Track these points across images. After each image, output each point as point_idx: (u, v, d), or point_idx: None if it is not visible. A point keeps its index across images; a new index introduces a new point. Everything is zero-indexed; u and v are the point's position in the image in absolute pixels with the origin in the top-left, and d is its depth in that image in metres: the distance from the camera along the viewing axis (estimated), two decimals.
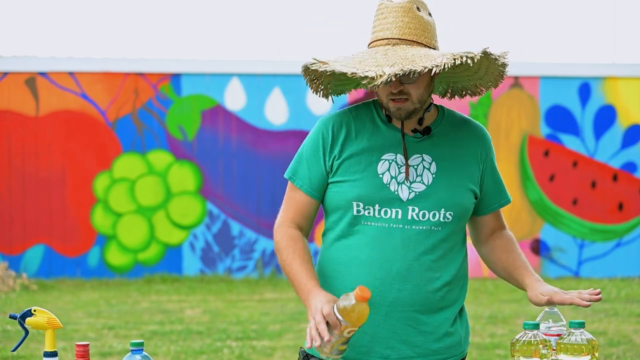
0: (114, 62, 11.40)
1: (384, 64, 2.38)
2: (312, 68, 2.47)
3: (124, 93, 11.30)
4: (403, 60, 2.39)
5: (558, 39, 13.81)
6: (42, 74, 11.19)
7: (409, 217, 2.54)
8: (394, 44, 2.48)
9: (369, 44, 2.56)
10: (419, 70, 2.37)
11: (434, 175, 2.56)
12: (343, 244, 2.59)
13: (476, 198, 2.64)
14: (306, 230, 2.66)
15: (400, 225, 2.54)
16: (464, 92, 2.77)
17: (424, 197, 2.55)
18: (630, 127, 11.88)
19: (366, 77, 2.38)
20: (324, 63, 2.44)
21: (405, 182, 2.55)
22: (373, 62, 2.42)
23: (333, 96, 2.72)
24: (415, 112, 2.54)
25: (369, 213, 2.55)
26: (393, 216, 2.54)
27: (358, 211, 2.55)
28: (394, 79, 2.38)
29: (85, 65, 11.31)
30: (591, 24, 13.85)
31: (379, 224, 2.54)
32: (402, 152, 2.57)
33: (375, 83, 2.36)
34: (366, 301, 2.27)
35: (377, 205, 2.54)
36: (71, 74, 11.24)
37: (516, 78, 11.73)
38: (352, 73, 2.40)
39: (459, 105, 11.23)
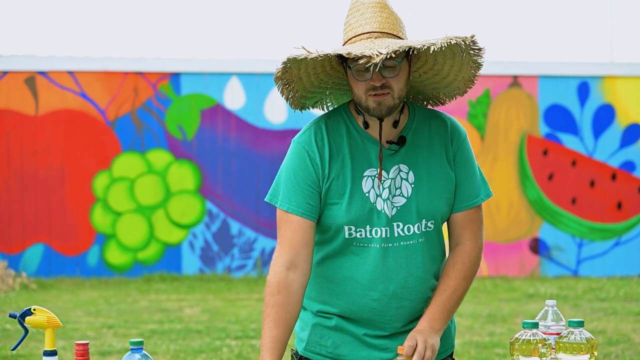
0: (114, 61, 11.40)
1: (376, 47, 2.35)
2: (300, 58, 2.39)
3: (123, 92, 11.30)
4: (394, 45, 2.35)
5: (557, 38, 13.81)
6: (42, 73, 11.18)
7: (396, 235, 2.52)
8: (375, 37, 2.44)
9: (346, 42, 2.49)
10: (418, 47, 2.34)
11: (412, 186, 2.53)
12: (335, 264, 2.57)
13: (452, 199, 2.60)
14: (306, 258, 2.52)
15: (390, 244, 2.52)
16: (425, 103, 2.74)
17: (405, 211, 2.52)
18: (628, 126, 11.88)
19: (364, 56, 2.33)
20: (310, 52, 2.38)
21: (390, 197, 2.51)
22: (363, 47, 2.38)
23: (296, 109, 2.66)
24: (394, 108, 2.48)
25: (360, 235, 2.52)
26: (383, 235, 2.51)
27: (350, 234, 2.52)
28: (393, 55, 2.35)
29: (85, 64, 11.31)
30: (590, 23, 13.85)
31: (370, 244, 2.52)
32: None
33: (375, 61, 2.30)
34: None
35: (367, 227, 2.52)
36: (70, 73, 11.24)
37: (515, 77, 11.73)
38: (348, 53, 2.35)
39: (458, 104, 11.24)
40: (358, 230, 2.52)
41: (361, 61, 2.36)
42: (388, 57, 2.37)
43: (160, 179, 11.37)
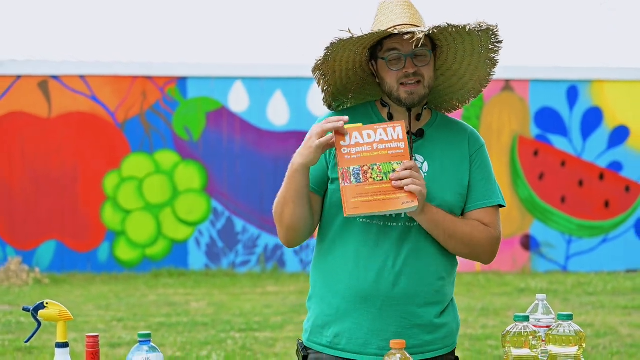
0: (123, 65, 11.40)
1: (418, 28, 2.42)
2: (345, 38, 2.43)
3: (132, 95, 11.30)
4: (433, 25, 2.43)
5: (547, 43, 13.81)
6: (54, 77, 11.19)
7: (403, 215, 2.51)
8: (408, 28, 2.48)
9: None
10: (456, 25, 2.40)
11: (425, 174, 2.54)
12: (341, 240, 2.57)
13: (465, 195, 2.61)
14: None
15: (395, 224, 2.52)
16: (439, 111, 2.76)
17: None
18: (616, 128, 11.88)
19: (408, 32, 2.41)
20: (354, 34, 2.43)
21: None
22: (401, 28, 2.45)
23: (327, 106, 2.70)
24: (425, 97, 2.53)
25: None
26: (387, 214, 2.51)
27: None
28: (435, 31, 2.41)
29: (96, 68, 11.31)
30: (579, 29, 13.85)
31: (375, 221, 2.52)
32: None
33: (418, 36, 2.37)
34: None
35: None
36: (82, 77, 11.24)
37: (507, 81, 11.72)
38: (391, 27, 2.44)
39: None
40: None
41: (406, 37, 2.41)
42: (420, 45, 2.43)
43: (168, 178, 11.37)
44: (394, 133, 2.44)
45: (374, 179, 2.41)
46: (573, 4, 13.86)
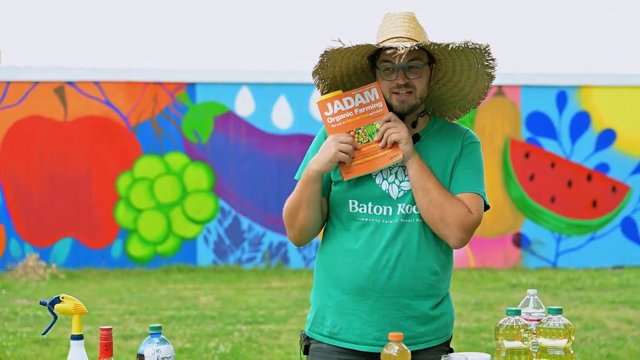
0: (135, 72, 11.40)
1: (402, 44, 2.42)
2: (335, 48, 2.44)
3: (144, 100, 11.30)
4: (419, 42, 2.44)
5: (538, 50, 13.82)
6: (70, 83, 11.19)
7: (399, 212, 2.54)
8: (403, 41, 2.50)
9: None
10: (439, 43, 2.41)
11: None
12: (341, 237, 2.59)
13: None
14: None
15: (391, 221, 2.54)
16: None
17: (411, 194, 2.54)
18: (603, 131, 11.86)
19: (391, 47, 2.41)
20: (343, 44, 2.44)
21: (396, 181, 2.55)
22: (391, 43, 2.47)
23: None
24: (415, 106, 2.54)
25: (362, 210, 2.56)
26: (384, 213, 2.54)
27: (353, 208, 2.57)
28: (416, 48, 2.42)
29: (109, 75, 11.31)
30: (568, 37, 13.86)
31: (372, 219, 2.55)
32: None
33: (400, 52, 2.38)
34: None
35: (370, 203, 2.55)
36: (96, 83, 11.24)
37: (499, 87, 11.71)
38: (377, 44, 2.45)
39: None
40: (361, 205, 2.56)
41: (388, 52, 2.43)
42: (411, 59, 2.45)
43: (178, 179, 11.37)
44: (370, 95, 2.51)
45: (361, 142, 2.51)
46: (562, 16, 13.87)
